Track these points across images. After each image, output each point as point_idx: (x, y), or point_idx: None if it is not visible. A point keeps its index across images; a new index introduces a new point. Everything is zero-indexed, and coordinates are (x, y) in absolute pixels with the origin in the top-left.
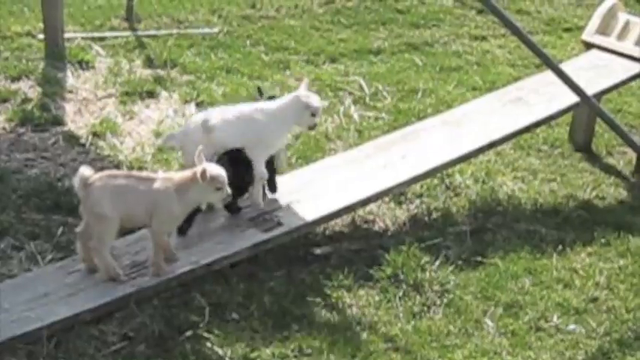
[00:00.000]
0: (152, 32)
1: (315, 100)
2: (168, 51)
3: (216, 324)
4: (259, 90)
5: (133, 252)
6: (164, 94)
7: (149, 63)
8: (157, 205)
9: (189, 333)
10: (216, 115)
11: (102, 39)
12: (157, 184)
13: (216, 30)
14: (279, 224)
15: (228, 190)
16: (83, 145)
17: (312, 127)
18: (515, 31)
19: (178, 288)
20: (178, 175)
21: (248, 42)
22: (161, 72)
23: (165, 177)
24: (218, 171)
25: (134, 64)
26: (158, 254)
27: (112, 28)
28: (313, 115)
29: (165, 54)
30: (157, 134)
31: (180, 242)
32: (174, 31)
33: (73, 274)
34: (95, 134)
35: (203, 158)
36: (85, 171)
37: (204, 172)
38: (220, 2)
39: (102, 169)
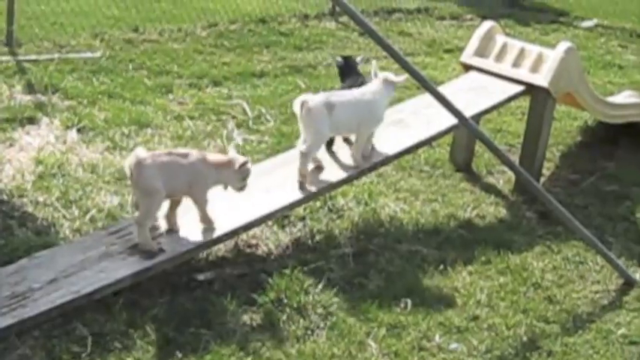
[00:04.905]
0: (33, 57)
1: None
2: (50, 76)
3: (99, 353)
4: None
5: (13, 282)
6: (45, 120)
7: (30, 88)
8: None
9: None
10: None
11: None
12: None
13: (98, 54)
14: (161, 250)
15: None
16: None
17: None
18: (393, 54)
19: (59, 318)
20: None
21: (130, 66)
22: (42, 97)
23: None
24: (249, 165)
25: (14, 90)
26: (205, 211)
27: None
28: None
29: (46, 79)
30: (38, 161)
31: (60, 272)
32: (56, 55)
33: None
34: None
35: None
36: None
37: (245, 163)
38: (102, 26)
39: None
